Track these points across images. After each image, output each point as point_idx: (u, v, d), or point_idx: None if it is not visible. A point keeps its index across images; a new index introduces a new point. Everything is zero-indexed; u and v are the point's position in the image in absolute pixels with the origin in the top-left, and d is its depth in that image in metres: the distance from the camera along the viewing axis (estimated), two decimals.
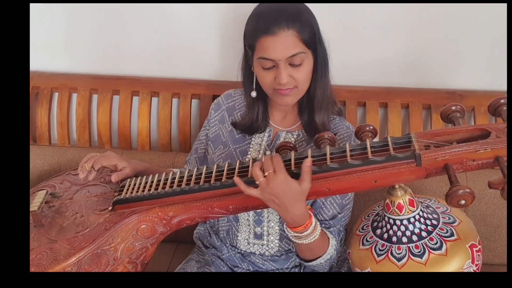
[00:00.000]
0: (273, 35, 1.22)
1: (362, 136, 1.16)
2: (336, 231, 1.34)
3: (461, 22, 1.71)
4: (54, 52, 1.96)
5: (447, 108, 1.11)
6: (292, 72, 1.26)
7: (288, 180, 1.09)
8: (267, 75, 1.28)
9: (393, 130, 1.77)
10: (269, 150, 1.38)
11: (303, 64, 1.26)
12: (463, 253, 1.16)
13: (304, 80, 1.28)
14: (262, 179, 1.09)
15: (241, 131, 1.42)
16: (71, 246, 1.19)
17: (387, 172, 1.06)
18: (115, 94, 1.93)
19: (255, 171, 1.10)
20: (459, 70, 1.77)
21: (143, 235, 1.23)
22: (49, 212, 1.32)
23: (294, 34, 1.23)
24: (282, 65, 1.24)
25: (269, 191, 1.10)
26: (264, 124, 1.41)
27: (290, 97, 1.30)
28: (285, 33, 1.22)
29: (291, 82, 1.27)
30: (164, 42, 1.88)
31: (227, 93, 1.50)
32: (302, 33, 1.23)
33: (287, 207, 1.12)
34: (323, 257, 1.28)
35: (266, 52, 1.24)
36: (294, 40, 1.23)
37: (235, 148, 1.42)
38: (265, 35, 1.23)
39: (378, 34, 1.76)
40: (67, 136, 1.97)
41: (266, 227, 1.38)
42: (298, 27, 1.23)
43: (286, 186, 1.08)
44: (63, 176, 1.48)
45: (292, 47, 1.23)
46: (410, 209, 1.19)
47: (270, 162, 1.10)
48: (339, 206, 1.35)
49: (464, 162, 1.02)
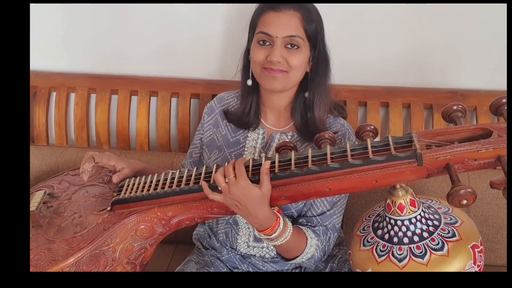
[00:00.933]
0: (278, 11, 1.27)
1: (363, 136, 1.17)
2: (322, 230, 1.34)
3: (463, 20, 1.71)
4: (52, 52, 1.96)
5: (448, 107, 1.11)
6: (286, 55, 1.28)
7: (249, 185, 1.12)
8: (260, 51, 1.30)
9: (394, 130, 1.77)
10: (264, 152, 1.38)
11: (299, 50, 1.28)
12: (465, 254, 1.16)
13: (297, 66, 1.29)
14: (224, 184, 1.13)
15: (232, 123, 1.43)
16: (69, 247, 1.19)
17: (388, 172, 1.06)
18: (113, 93, 1.93)
19: (217, 177, 1.14)
20: (461, 69, 1.77)
21: (142, 235, 1.24)
22: (47, 213, 1.32)
23: (298, 17, 1.27)
24: (278, 42, 1.27)
25: (230, 197, 1.13)
26: (256, 120, 1.41)
27: (278, 80, 1.30)
28: (289, 12, 1.27)
29: (283, 64, 1.28)
30: (163, 41, 1.89)
31: (219, 96, 1.50)
32: (306, 21, 1.27)
33: (249, 211, 1.14)
34: (301, 256, 1.29)
35: (266, 26, 1.28)
36: (296, 22, 1.27)
37: (230, 152, 1.42)
38: (270, 10, 1.28)
39: (379, 32, 1.76)
40: (65, 136, 1.97)
41: None
42: (304, 14, 1.27)
43: (247, 190, 1.12)
44: (61, 176, 1.48)
45: (293, 27, 1.27)
46: (411, 210, 1.18)
47: (232, 168, 1.14)
48: (329, 203, 1.34)
49: (465, 161, 1.02)
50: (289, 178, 1.12)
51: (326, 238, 1.35)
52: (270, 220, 1.18)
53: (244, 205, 1.13)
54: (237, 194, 1.12)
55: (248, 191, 1.12)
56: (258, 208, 1.14)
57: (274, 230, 1.19)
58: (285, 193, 1.14)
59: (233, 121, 1.43)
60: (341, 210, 1.38)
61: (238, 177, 1.12)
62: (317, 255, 1.32)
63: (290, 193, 1.14)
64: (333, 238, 1.37)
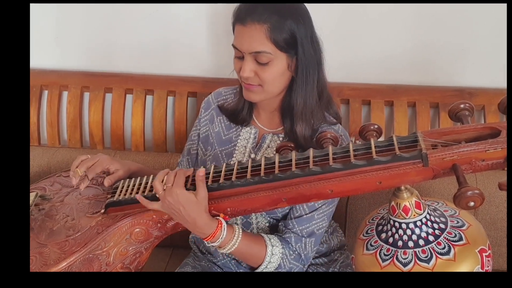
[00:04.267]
0: (243, 25, 1.24)
1: (366, 136, 1.17)
2: (294, 237, 1.31)
3: (469, 17, 1.71)
4: (43, 48, 1.96)
5: (455, 106, 1.11)
6: (257, 69, 1.25)
7: (183, 193, 1.16)
8: (237, 64, 1.29)
9: (399, 129, 1.77)
10: (254, 153, 1.38)
11: (270, 65, 1.24)
12: (472, 258, 1.16)
13: (270, 81, 1.26)
14: (162, 192, 1.18)
15: (226, 117, 1.43)
16: (62, 251, 1.19)
17: (393, 172, 1.06)
18: (107, 92, 1.93)
19: (155, 184, 1.19)
20: (468, 67, 1.77)
21: (137, 239, 1.24)
22: (38, 215, 1.32)
23: (263, 31, 1.21)
24: (246, 58, 1.25)
25: (167, 204, 1.17)
26: (248, 118, 1.41)
27: (254, 94, 1.30)
28: (254, 26, 1.22)
29: (255, 79, 1.27)
30: (159, 37, 1.88)
31: (217, 91, 1.50)
32: (273, 32, 1.21)
33: (186, 218, 1.18)
34: (264, 265, 1.29)
35: (236, 40, 1.27)
36: (261, 36, 1.22)
37: (221, 151, 1.42)
38: (238, 23, 1.26)
39: (384, 29, 1.76)
40: (57, 136, 1.97)
41: (255, 230, 1.39)
42: (271, 25, 1.21)
43: (182, 198, 1.16)
44: (53, 178, 1.48)
45: (257, 43, 1.22)
46: (416, 212, 1.18)
47: (172, 177, 1.19)
48: (308, 208, 1.31)
49: (473, 162, 1.02)
50: (290, 179, 1.11)
51: (301, 245, 1.32)
52: (210, 226, 1.20)
53: (180, 212, 1.17)
54: (173, 202, 1.16)
55: (183, 198, 1.16)
56: (195, 215, 1.17)
57: (216, 236, 1.20)
58: (285, 195, 1.14)
59: (227, 115, 1.43)
60: (323, 217, 1.34)
61: (174, 185, 1.16)
62: (286, 264, 1.30)
63: (290, 194, 1.13)
64: (311, 245, 1.33)
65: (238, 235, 1.24)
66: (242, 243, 1.24)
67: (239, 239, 1.24)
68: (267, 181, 1.13)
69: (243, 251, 1.26)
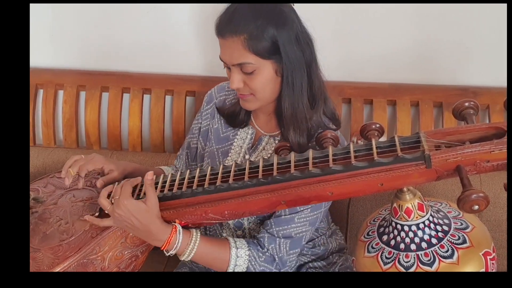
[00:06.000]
0: (223, 38, 1.23)
1: (368, 135, 1.15)
2: (267, 238, 1.30)
3: (474, 15, 1.70)
4: (38, 46, 1.95)
5: (460, 104, 1.10)
6: (245, 79, 1.25)
7: (132, 202, 1.16)
8: (228, 74, 1.28)
9: (402, 129, 1.76)
10: (249, 154, 1.38)
11: (256, 74, 1.23)
12: (476, 262, 1.15)
13: (260, 89, 1.25)
14: (110, 206, 1.19)
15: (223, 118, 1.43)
16: (55, 256, 1.18)
17: (394, 174, 1.04)
18: (104, 91, 1.93)
19: (100, 201, 1.21)
20: (472, 65, 1.76)
21: (132, 242, 1.23)
22: (31, 219, 1.32)
23: (242, 41, 1.19)
24: (232, 69, 1.24)
25: (117, 217, 1.18)
26: (246, 120, 1.40)
27: (248, 103, 1.30)
28: (231, 39, 1.20)
29: (245, 89, 1.26)
30: (157, 35, 1.88)
31: (220, 86, 1.49)
32: (252, 42, 1.19)
33: (140, 228, 1.18)
34: (229, 269, 1.27)
35: (220, 52, 1.26)
36: (240, 48, 1.20)
37: (217, 149, 1.42)
38: (218, 36, 1.24)
39: (386, 27, 1.75)
40: (52, 136, 1.97)
41: (247, 230, 1.38)
42: (248, 35, 1.18)
43: (132, 207, 1.16)
44: (47, 179, 1.47)
45: (237, 55, 1.21)
46: (419, 214, 1.17)
47: (119, 189, 1.19)
48: (289, 210, 1.29)
49: (477, 163, 1.01)
50: (289, 181, 1.10)
51: (275, 247, 1.29)
52: (165, 232, 1.19)
53: (133, 223, 1.17)
54: (123, 214, 1.16)
55: (132, 206, 1.16)
56: (147, 222, 1.17)
57: (172, 242, 1.20)
58: (284, 197, 1.12)
59: (225, 118, 1.43)
60: (304, 222, 1.30)
61: (121, 197, 1.17)
62: (255, 267, 1.29)
63: (289, 197, 1.12)
64: (286, 247, 1.31)
65: (196, 238, 1.23)
66: (201, 246, 1.23)
67: (197, 242, 1.22)
68: (266, 184, 1.12)
69: (204, 255, 1.25)
